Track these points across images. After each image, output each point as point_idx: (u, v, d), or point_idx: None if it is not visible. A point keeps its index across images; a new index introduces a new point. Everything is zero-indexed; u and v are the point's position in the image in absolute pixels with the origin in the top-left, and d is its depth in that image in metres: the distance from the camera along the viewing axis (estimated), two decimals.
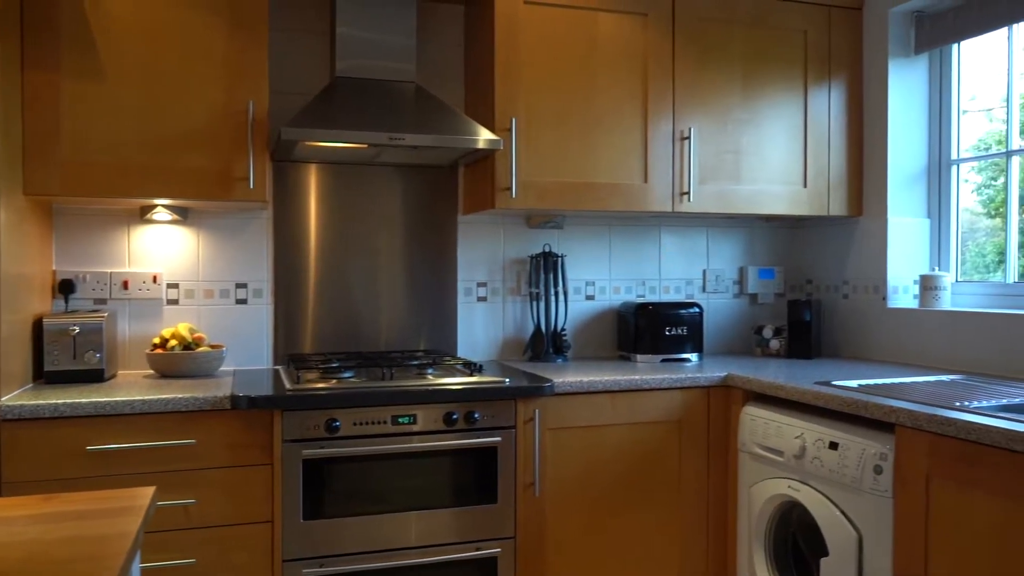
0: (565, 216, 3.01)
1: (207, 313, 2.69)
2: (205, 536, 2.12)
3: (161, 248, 2.65)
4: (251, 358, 2.72)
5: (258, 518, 2.15)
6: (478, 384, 2.30)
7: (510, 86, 2.60)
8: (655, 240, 3.17)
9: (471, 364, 2.49)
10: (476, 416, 2.29)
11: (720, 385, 2.58)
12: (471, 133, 2.44)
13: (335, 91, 2.51)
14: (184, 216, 2.64)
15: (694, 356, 2.93)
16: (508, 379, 2.37)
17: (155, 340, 2.50)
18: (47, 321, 2.31)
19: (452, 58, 2.92)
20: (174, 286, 2.66)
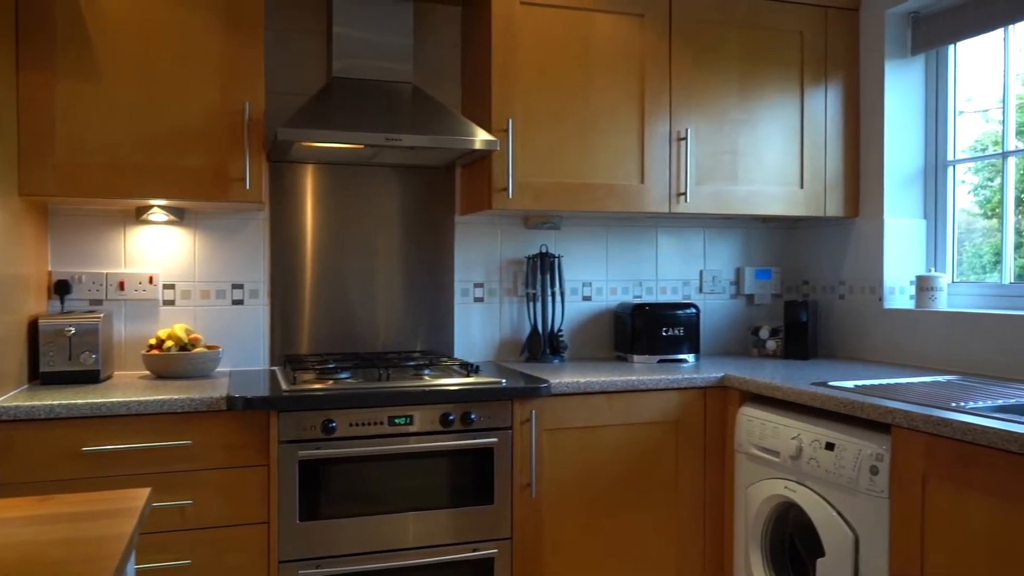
0: (562, 217, 3.01)
1: (203, 314, 2.69)
2: (201, 537, 2.11)
3: (157, 249, 2.65)
4: (247, 359, 2.72)
5: (254, 519, 2.15)
6: (475, 385, 2.30)
7: (507, 87, 2.60)
8: (652, 241, 3.17)
9: (468, 365, 2.49)
10: (473, 417, 2.29)
11: (717, 386, 2.58)
12: (468, 134, 2.44)
13: (332, 91, 2.50)
14: (180, 217, 2.64)
15: (691, 357, 2.93)
16: (505, 380, 2.37)
17: (151, 341, 2.49)
18: (43, 322, 2.30)
19: (449, 59, 2.92)
20: (170, 287, 2.66)
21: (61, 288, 2.50)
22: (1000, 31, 2.66)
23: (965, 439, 1.73)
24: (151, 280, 2.63)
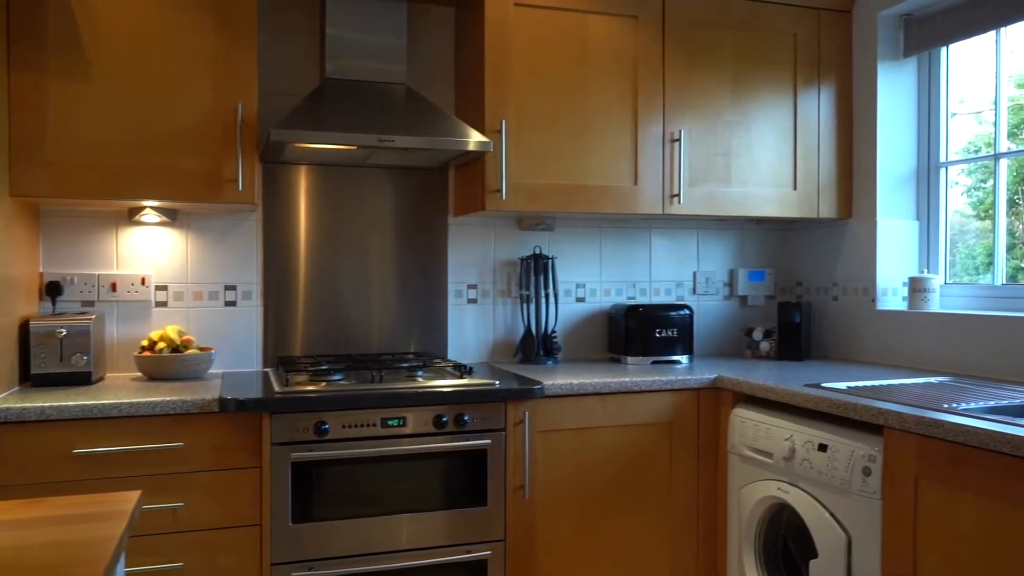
0: (555, 218, 3.01)
1: (196, 315, 2.68)
2: (193, 540, 2.11)
3: (150, 250, 2.64)
4: (240, 360, 2.71)
5: (246, 521, 2.14)
6: (468, 386, 2.30)
7: (500, 88, 2.60)
8: (645, 242, 3.18)
9: (461, 366, 2.48)
10: (466, 418, 2.28)
11: (710, 387, 2.58)
12: (461, 135, 2.44)
13: (325, 92, 2.50)
14: (173, 218, 2.63)
15: (684, 358, 2.94)
16: (498, 381, 2.37)
17: (143, 342, 2.49)
18: (34, 323, 2.29)
19: (442, 60, 2.92)
20: (163, 288, 2.65)
21: (53, 290, 2.49)
22: (992, 33, 2.67)
23: (957, 440, 1.73)
24: (143, 281, 2.62)
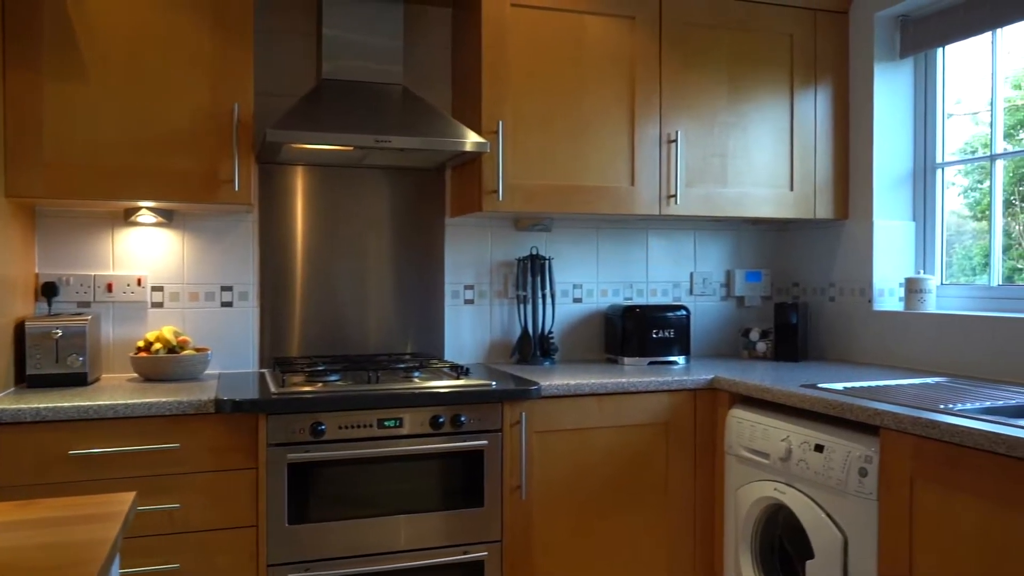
0: (552, 219, 3.01)
1: (192, 316, 2.67)
2: (189, 541, 2.10)
3: (146, 251, 2.63)
4: (237, 361, 2.71)
5: (243, 522, 2.14)
6: (465, 387, 2.30)
7: (497, 89, 2.59)
8: (642, 243, 3.18)
9: (458, 367, 2.48)
10: (463, 419, 2.28)
11: (707, 388, 2.58)
12: (458, 136, 2.44)
13: (321, 93, 2.50)
14: (169, 218, 2.63)
15: (681, 359, 2.94)
16: (495, 382, 2.36)
17: (139, 343, 2.48)
18: (29, 324, 2.28)
19: (439, 61, 2.92)
20: (159, 289, 2.65)
21: (48, 290, 2.49)
22: (988, 34, 2.67)
23: (953, 441, 1.73)
24: (139, 282, 2.61)
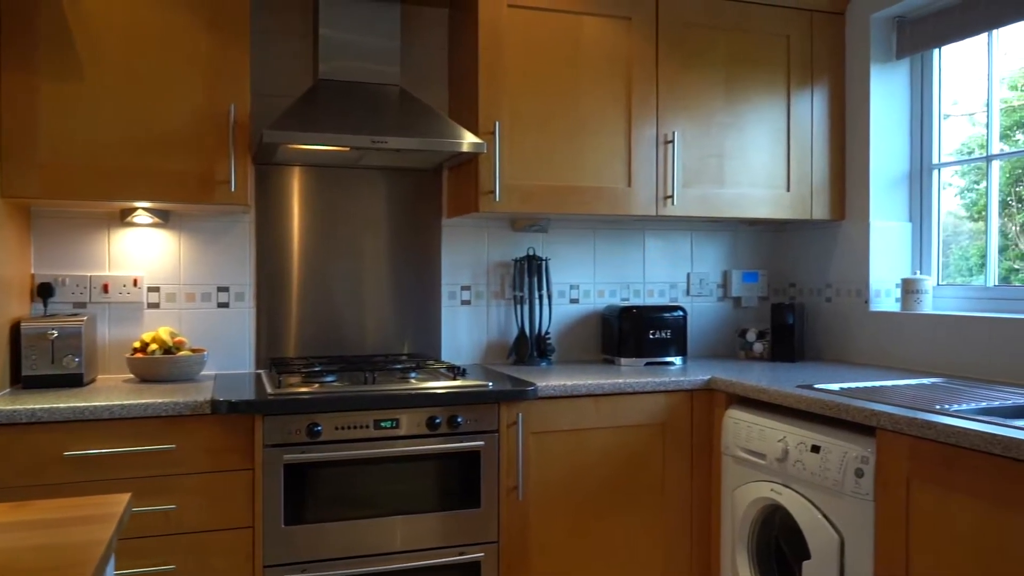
0: (549, 219, 3.01)
1: (188, 317, 2.67)
2: (185, 542, 2.10)
3: (142, 251, 2.63)
4: (233, 362, 2.70)
5: (239, 523, 2.14)
6: (461, 388, 2.29)
7: (494, 89, 2.59)
8: (639, 243, 3.18)
9: (455, 368, 2.48)
10: (459, 420, 2.28)
11: (704, 388, 2.58)
12: (455, 136, 2.44)
13: (318, 93, 2.49)
14: (165, 219, 2.62)
15: (678, 359, 2.94)
16: (491, 383, 2.36)
17: (135, 344, 2.48)
18: (25, 325, 2.28)
19: (436, 61, 2.92)
20: (155, 290, 2.64)
21: (44, 291, 2.48)
22: (984, 35, 2.67)
23: (949, 442, 1.74)
24: (135, 283, 2.61)
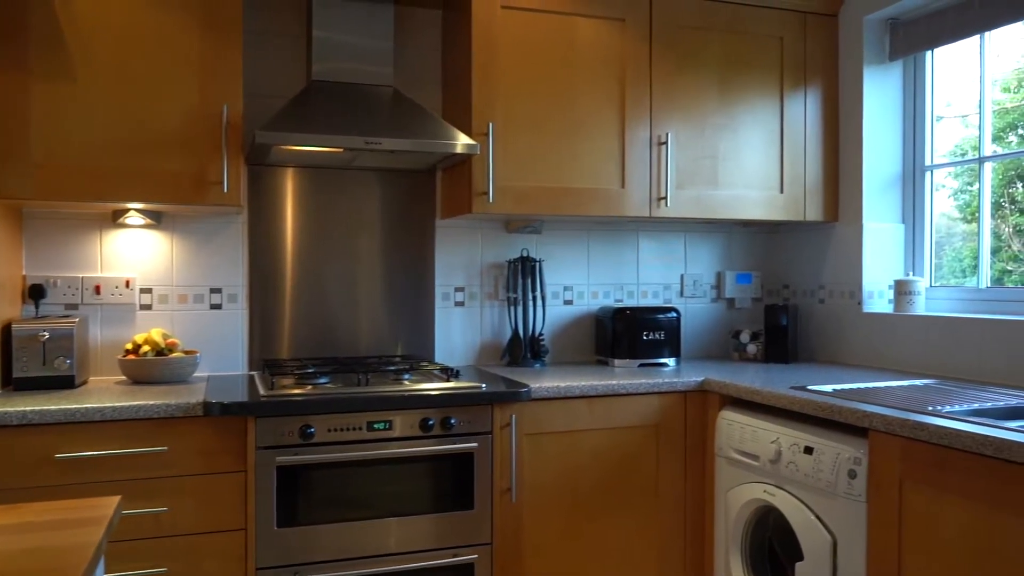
0: (543, 221, 3.01)
1: (181, 318, 2.66)
2: (177, 545, 2.09)
3: (134, 252, 2.62)
4: (226, 364, 2.70)
5: (231, 526, 2.13)
6: (455, 389, 2.29)
7: (488, 91, 2.59)
8: (633, 245, 3.18)
9: (448, 369, 2.48)
10: (453, 422, 2.27)
11: (697, 390, 2.58)
12: (448, 137, 2.43)
13: (311, 94, 2.49)
14: (158, 220, 2.61)
15: (672, 361, 2.94)
16: (485, 384, 2.36)
17: (127, 346, 2.47)
18: (16, 327, 2.27)
19: (429, 62, 2.91)
20: (147, 291, 2.63)
21: (35, 292, 2.47)
22: (977, 37, 2.68)
23: (941, 443, 1.74)
24: (128, 284, 2.60)
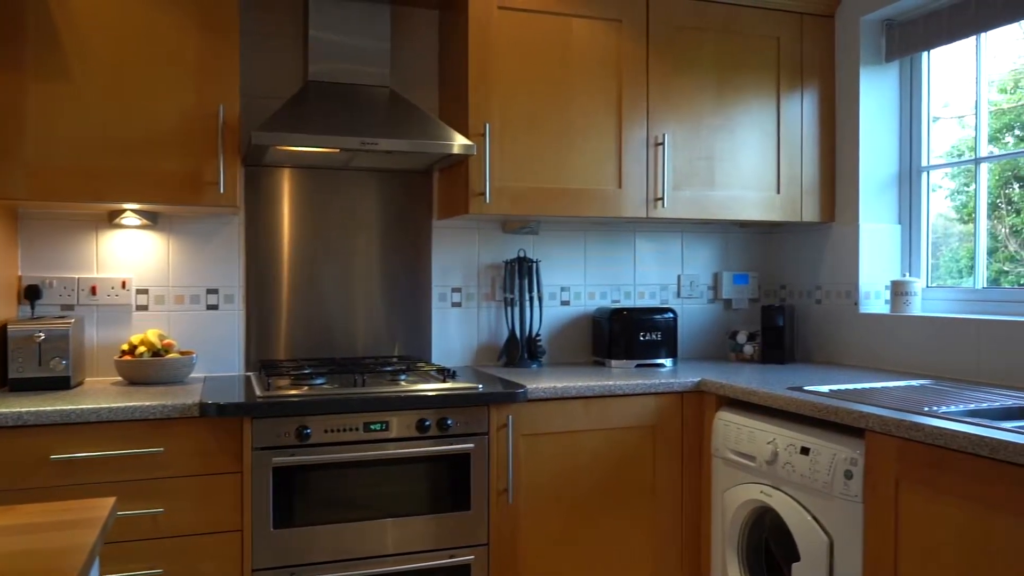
0: (540, 221, 3.01)
1: (177, 319, 2.66)
2: (173, 546, 2.08)
3: (130, 253, 2.62)
4: (222, 365, 2.69)
5: (227, 527, 2.12)
6: (451, 390, 2.29)
7: (484, 91, 2.59)
8: (630, 246, 3.18)
9: (445, 370, 2.47)
10: (449, 423, 2.27)
11: (694, 390, 2.58)
12: (445, 138, 2.43)
13: (307, 95, 2.49)
14: (154, 221, 2.61)
15: (668, 361, 2.94)
16: (481, 385, 2.36)
17: (124, 347, 2.46)
18: (11, 328, 2.26)
19: (426, 63, 2.91)
20: (143, 292, 2.63)
21: (31, 293, 2.47)
22: (973, 38, 2.68)
23: (937, 443, 1.74)
24: (124, 285, 2.59)
